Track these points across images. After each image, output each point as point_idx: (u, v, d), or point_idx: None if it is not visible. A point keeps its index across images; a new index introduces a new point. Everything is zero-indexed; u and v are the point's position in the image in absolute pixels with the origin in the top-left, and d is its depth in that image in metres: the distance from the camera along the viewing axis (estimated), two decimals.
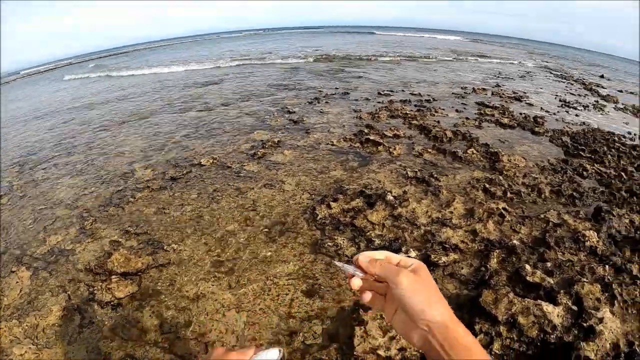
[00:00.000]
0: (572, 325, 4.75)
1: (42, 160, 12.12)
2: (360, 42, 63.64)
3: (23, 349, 5.03)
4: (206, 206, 8.14)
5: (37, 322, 5.44)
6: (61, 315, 5.56)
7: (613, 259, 6.05)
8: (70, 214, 8.35)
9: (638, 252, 6.32)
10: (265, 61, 33.33)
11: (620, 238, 6.69)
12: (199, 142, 12.17)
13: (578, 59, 65.41)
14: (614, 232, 6.79)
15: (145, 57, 61.55)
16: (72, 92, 27.29)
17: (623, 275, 5.72)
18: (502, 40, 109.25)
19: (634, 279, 5.63)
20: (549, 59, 54.03)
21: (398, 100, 16.94)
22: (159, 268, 6.35)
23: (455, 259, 6.14)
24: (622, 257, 6.17)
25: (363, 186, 8.43)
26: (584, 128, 13.82)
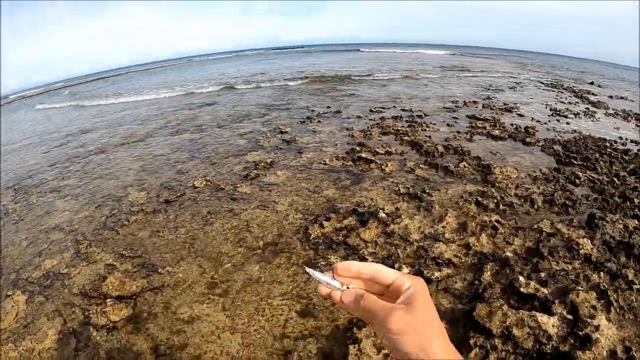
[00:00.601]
0: (567, 335, 4.77)
1: (37, 184, 12.13)
2: (349, 59, 63.72)
3: None
4: (200, 228, 8.14)
5: (33, 346, 5.44)
6: (57, 339, 5.56)
7: (608, 265, 6.07)
8: (65, 237, 8.36)
9: (633, 257, 6.35)
10: (256, 83, 33.28)
11: (615, 244, 6.71)
12: (192, 164, 12.20)
13: (567, 67, 65.85)
14: (608, 238, 6.82)
15: (127, 82, 60.51)
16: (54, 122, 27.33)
17: (619, 281, 5.74)
18: (490, 52, 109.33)
19: (630, 284, 5.65)
20: (538, 68, 54.41)
21: (390, 116, 16.99)
22: (153, 291, 6.35)
23: (449, 274, 6.14)
24: (617, 263, 6.19)
25: (355, 204, 8.44)
26: (575, 136, 13.90)
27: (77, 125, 22.06)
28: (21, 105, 47.34)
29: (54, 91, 66.26)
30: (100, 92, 45.35)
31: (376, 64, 50.12)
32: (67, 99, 43.28)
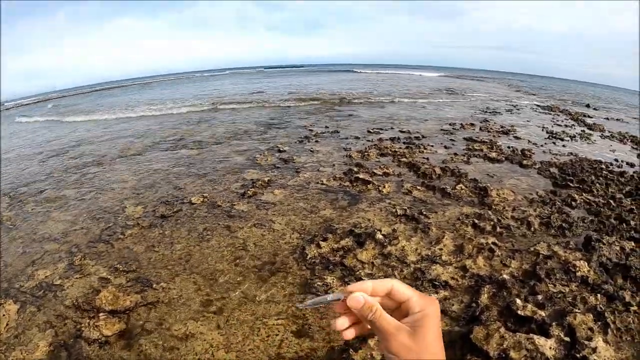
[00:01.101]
0: (565, 357, 4.75)
1: (33, 192, 12.09)
2: (345, 80, 63.67)
3: None
4: (196, 245, 8.11)
5: (24, 357, 5.39)
6: (48, 351, 5.51)
7: (605, 287, 6.06)
8: (59, 248, 8.33)
9: (630, 279, 6.35)
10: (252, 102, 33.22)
11: (612, 266, 6.71)
12: (189, 180, 12.20)
13: (563, 89, 66.17)
14: (604, 260, 6.82)
15: (117, 96, 58.83)
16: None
17: (616, 302, 5.73)
18: (484, 75, 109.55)
19: (627, 305, 5.65)
20: (534, 90, 54.66)
21: (387, 138, 17.04)
22: (147, 306, 6.30)
23: (446, 296, 6.11)
24: (614, 285, 6.19)
25: (353, 225, 8.43)
26: (572, 158, 13.97)
27: (51, 145, 21.79)
28: (3, 117, 46.88)
29: (45, 102, 64.52)
30: (87, 106, 44.55)
31: (372, 86, 50.16)
32: (50, 112, 42.65)
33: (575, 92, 62.18)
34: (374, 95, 36.96)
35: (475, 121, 21.52)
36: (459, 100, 33.94)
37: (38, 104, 63.93)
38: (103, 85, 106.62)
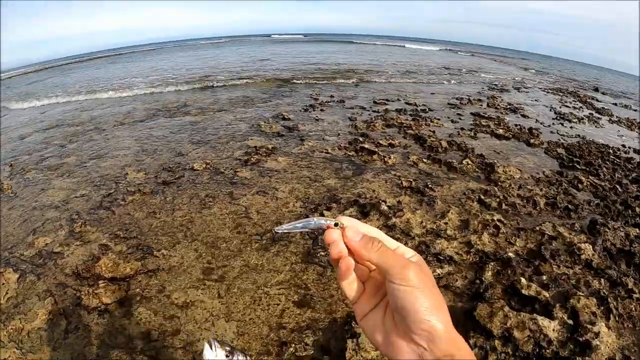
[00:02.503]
0: (568, 340, 4.71)
1: (35, 161, 12.01)
2: (345, 51, 62.87)
3: (7, 352, 4.93)
4: (198, 212, 8.05)
5: (22, 326, 5.34)
6: (47, 319, 5.46)
7: (608, 272, 6.01)
8: (60, 216, 8.24)
9: (633, 266, 6.29)
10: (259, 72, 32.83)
11: (616, 251, 6.67)
12: (192, 146, 12.10)
13: (573, 71, 65.68)
14: (609, 245, 6.76)
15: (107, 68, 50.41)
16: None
17: (618, 289, 5.69)
18: (489, 52, 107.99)
19: (630, 292, 5.60)
20: (542, 69, 54.38)
21: (394, 109, 16.93)
22: (148, 274, 6.25)
23: (450, 271, 6.07)
24: (618, 271, 6.13)
25: (357, 195, 8.37)
26: (579, 140, 13.85)
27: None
28: None
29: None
30: (52, 83, 36.14)
31: (377, 57, 49.77)
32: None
33: (586, 75, 61.78)
34: (380, 67, 36.68)
35: (483, 97, 21.46)
36: (466, 76, 33.70)
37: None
38: (104, 53, 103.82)
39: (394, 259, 0.98)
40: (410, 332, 0.94)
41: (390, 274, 0.96)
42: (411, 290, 0.93)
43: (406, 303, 0.93)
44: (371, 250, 1.00)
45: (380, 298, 1.08)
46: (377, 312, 1.07)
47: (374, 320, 1.07)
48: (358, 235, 1.04)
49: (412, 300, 0.92)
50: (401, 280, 0.94)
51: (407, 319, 0.94)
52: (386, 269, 0.97)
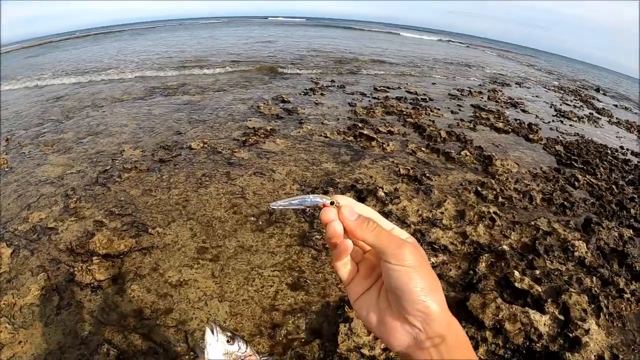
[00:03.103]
0: (558, 335, 4.74)
1: (31, 136, 11.95)
2: (346, 37, 62.29)
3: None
4: (194, 190, 8.04)
5: (15, 301, 5.33)
6: (40, 295, 5.45)
7: (601, 270, 6.05)
8: (55, 191, 8.20)
9: (625, 266, 6.33)
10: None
11: (609, 250, 6.70)
12: (190, 126, 12.07)
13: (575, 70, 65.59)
14: (602, 244, 6.79)
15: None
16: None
17: (610, 287, 5.73)
18: (493, 45, 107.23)
19: (620, 292, 5.64)
20: (545, 67, 54.28)
21: (394, 97, 16.96)
22: (142, 251, 6.25)
23: (444, 260, 6.09)
24: (610, 270, 6.17)
25: (354, 181, 8.38)
26: (578, 139, 13.88)
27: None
28: None
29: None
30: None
31: (376, 44, 49.61)
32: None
33: (587, 74, 61.70)
34: (382, 55, 36.56)
35: (484, 90, 21.45)
36: (467, 68, 33.63)
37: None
38: (101, 29, 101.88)
39: (389, 239, 0.98)
40: (405, 312, 0.94)
41: (385, 254, 0.96)
42: (406, 270, 0.93)
43: (401, 283, 0.93)
44: (366, 230, 1.00)
45: (374, 280, 1.08)
46: (370, 294, 1.07)
47: (368, 301, 1.07)
48: (353, 215, 1.03)
49: (407, 280, 0.92)
50: (397, 260, 0.94)
51: (401, 299, 0.94)
52: (381, 249, 0.97)
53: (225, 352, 1.43)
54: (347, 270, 1.10)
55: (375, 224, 1.01)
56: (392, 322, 0.98)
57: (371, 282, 1.08)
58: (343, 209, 1.03)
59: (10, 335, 4.84)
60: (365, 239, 1.00)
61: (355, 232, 1.01)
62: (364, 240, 1.01)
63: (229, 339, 1.47)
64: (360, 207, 1.09)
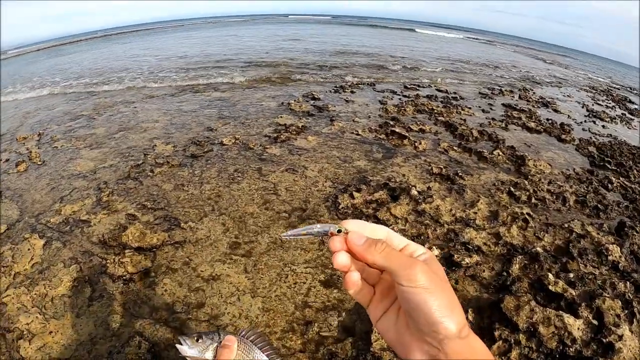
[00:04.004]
0: (591, 340, 4.67)
1: (63, 131, 12.12)
2: (370, 35, 61.77)
3: (30, 317, 5.00)
4: (226, 186, 8.09)
5: (47, 292, 5.42)
6: (71, 286, 5.54)
7: (634, 275, 5.96)
8: (87, 185, 8.34)
9: None
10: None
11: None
12: (220, 122, 12.15)
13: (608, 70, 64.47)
14: (636, 249, 6.68)
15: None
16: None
17: None
18: (516, 42, 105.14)
19: None
20: (578, 66, 53.59)
21: (424, 95, 16.88)
22: (174, 245, 6.31)
23: (478, 261, 6.04)
24: None
25: (387, 179, 8.35)
26: (611, 140, 13.64)
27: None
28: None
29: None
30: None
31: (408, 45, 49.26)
32: None
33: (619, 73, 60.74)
34: (410, 54, 36.35)
35: (514, 89, 21.21)
36: (496, 67, 33.29)
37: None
38: (130, 28, 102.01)
39: (399, 260, 0.98)
40: (423, 333, 0.94)
41: (397, 276, 0.96)
42: (419, 291, 0.93)
43: (415, 304, 0.93)
44: (375, 253, 1.00)
45: (392, 300, 1.08)
46: (390, 314, 1.07)
47: (388, 322, 1.06)
48: (361, 239, 1.03)
49: (422, 301, 0.92)
50: (409, 282, 0.94)
51: (417, 320, 0.94)
52: (393, 271, 0.98)
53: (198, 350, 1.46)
54: (364, 295, 1.11)
55: (384, 245, 1.01)
56: (411, 342, 0.98)
57: (389, 303, 1.08)
58: (350, 235, 1.04)
59: (41, 325, 4.92)
60: (375, 262, 1.01)
61: (365, 256, 1.02)
62: (374, 263, 1.01)
63: (197, 338, 1.47)
64: (370, 228, 1.09)
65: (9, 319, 5.01)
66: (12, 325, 4.91)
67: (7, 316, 5.06)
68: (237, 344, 1.41)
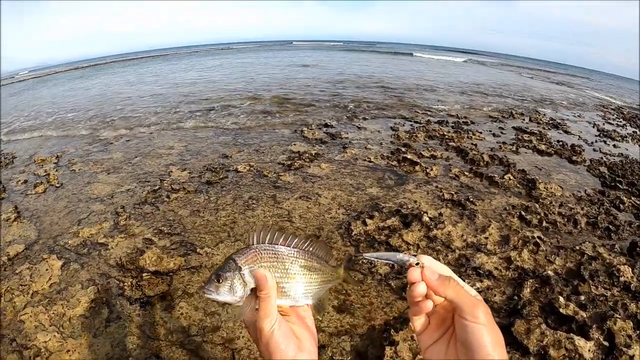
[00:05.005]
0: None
1: (81, 154, 12.35)
2: (385, 62, 61.97)
3: (48, 336, 5.11)
4: (241, 212, 8.20)
5: (64, 312, 5.53)
6: (89, 307, 5.65)
7: None
8: (105, 209, 8.50)
9: None
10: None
11: None
12: (235, 149, 12.32)
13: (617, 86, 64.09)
14: None
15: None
16: None
17: None
18: (529, 64, 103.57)
19: None
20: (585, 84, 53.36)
21: (435, 120, 16.93)
22: (190, 270, 6.42)
23: (489, 286, 6.10)
24: None
25: (399, 205, 8.39)
26: (622, 159, 13.58)
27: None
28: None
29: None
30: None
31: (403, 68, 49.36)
32: None
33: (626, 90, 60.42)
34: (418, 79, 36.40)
35: (525, 111, 21.15)
36: (506, 89, 33.23)
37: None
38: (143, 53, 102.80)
39: (466, 298, 1.13)
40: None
41: (462, 311, 1.12)
42: (480, 327, 1.09)
43: (474, 338, 1.09)
44: (448, 288, 1.15)
45: (443, 331, 1.23)
46: (440, 344, 1.22)
47: (438, 351, 1.22)
48: (435, 274, 1.19)
49: (479, 336, 1.08)
50: (472, 318, 1.10)
51: (472, 352, 1.09)
52: (460, 306, 1.13)
53: (225, 291, 1.37)
54: (421, 322, 1.28)
55: (455, 283, 1.17)
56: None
57: (441, 334, 1.23)
58: (426, 270, 1.19)
59: (58, 344, 5.02)
60: (446, 295, 1.16)
61: (439, 290, 1.16)
62: (445, 297, 1.17)
63: (217, 279, 1.38)
64: (438, 266, 1.23)
65: (27, 337, 5.13)
66: (29, 343, 5.02)
67: (24, 333, 5.19)
68: (261, 261, 1.38)
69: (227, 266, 1.38)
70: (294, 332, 1.35)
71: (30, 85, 43.87)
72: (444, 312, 1.25)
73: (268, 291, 1.31)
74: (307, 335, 1.40)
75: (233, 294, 1.36)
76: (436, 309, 1.25)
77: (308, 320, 1.49)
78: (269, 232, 1.45)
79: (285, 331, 1.29)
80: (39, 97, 29.78)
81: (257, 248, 1.41)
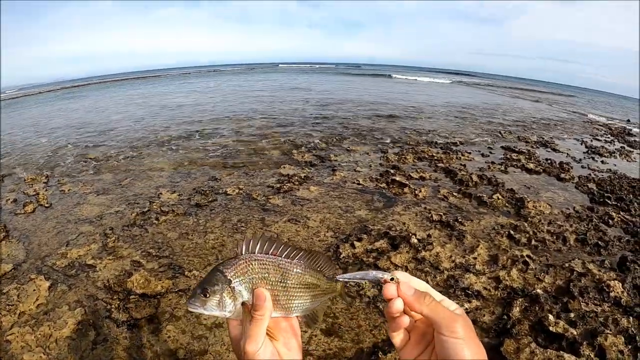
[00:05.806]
0: None
1: (71, 174, 12.39)
2: (374, 83, 62.11)
3: (34, 357, 5.08)
4: (230, 235, 8.18)
5: (51, 333, 5.50)
6: (76, 329, 5.61)
7: (638, 310, 5.96)
8: (94, 230, 8.50)
9: None
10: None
11: None
12: (225, 171, 12.32)
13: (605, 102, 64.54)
14: (638, 282, 6.69)
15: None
16: None
17: None
18: (518, 84, 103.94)
19: None
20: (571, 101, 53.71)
21: (424, 141, 17.00)
22: (178, 293, 6.40)
23: (478, 306, 6.09)
24: None
25: (387, 227, 8.39)
26: (610, 175, 13.67)
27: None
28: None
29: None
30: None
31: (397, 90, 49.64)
32: None
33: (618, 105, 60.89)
34: (406, 102, 36.57)
35: (513, 131, 21.27)
36: (496, 110, 33.38)
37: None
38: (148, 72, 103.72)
39: (443, 313, 1.11)
40: None
41: (440, 327, 1.10)
42: (458, 342, 1.07)
43: (453, 353, 1.07)
44: (423, 304, 1.14)
45: (424, 346, 1.22)
46: (422, 359, 1.20)
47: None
48: (411, 290, 1.17)
49: (459, 351, 1.06)
50: (450, 333, 1.08)
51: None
52: (436, 322, 1.11)
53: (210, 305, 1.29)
54: (400, 338, 1.25)
55: (431, 298, 1.15)
56: None
57: (422, 349, 1.22)
58: (401, 285, 1.18)
59: None
60: (422, 311, 1.14)
61: (414, 305, 1.15)
62: (420, 313, 1.15)
63: (202, 292, 1.30)
64: (415, 281, 1.22)
65: (13, 357, 5.09)
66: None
67: (11, 354, 5.15)
68: (252, 272, 1.30)
69: (214, 279, 1.30)
70: (278, 353, 1.30)
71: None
72: (424, 327, 1.23)
73: (263, 313, 1.25)
74: (291, 335, 1.40)
75: (222, 309, 1.29)
76: (416, 324, 1.25)
77: (293, 321, 1.45)
78: (259, 241, 1.36)
79: (269, 353, 1.25)
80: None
81: (246, 258, 1.32)
